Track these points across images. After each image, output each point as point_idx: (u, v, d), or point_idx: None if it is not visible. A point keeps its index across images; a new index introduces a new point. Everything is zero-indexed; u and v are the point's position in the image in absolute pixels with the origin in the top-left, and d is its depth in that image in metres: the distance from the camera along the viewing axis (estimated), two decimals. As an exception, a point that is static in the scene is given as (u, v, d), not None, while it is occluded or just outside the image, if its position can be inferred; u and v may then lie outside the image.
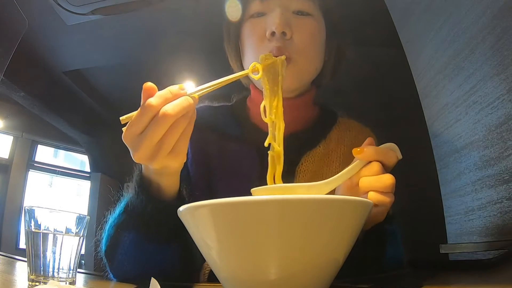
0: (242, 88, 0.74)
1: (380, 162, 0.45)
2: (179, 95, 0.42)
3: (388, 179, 0.44)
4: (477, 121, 0.74)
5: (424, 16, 0.96)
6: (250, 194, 0.43)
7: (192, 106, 0.43)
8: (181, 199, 0.52)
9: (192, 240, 0.38)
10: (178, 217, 0.38)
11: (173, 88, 0.43)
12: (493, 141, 0.69)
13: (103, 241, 0.55)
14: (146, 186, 0.50)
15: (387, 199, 0.44)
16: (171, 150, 0.42)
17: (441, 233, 0.91)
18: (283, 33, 0.60)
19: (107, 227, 0.55)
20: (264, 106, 0.50)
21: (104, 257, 0.55)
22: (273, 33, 0.60)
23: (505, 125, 0.65)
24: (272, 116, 0.49)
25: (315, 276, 0.35)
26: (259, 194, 0.44)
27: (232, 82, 0.49)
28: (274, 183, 0.47)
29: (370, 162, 0.46)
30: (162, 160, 0.43)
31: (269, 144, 0.49)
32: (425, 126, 0.99)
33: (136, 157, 0.43)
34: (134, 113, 0.42)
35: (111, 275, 0.56)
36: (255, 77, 0.50)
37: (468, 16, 0.75)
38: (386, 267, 0.53)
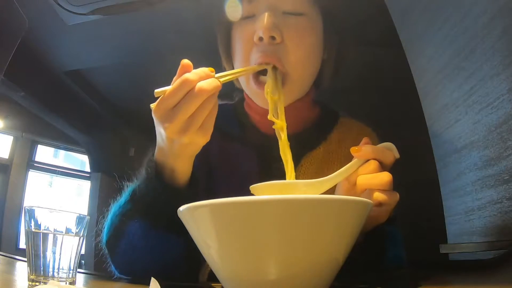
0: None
1: (378, 160, 0.46)
2: (210, 76, 0.45)
3: (385, 177, 0.44)
4: (477, 121, 0.74)
5: (424, 16, 0.96)
6: (250, 194, 0.44)
7: (220, 88, 0.45)
8: (195, 186, 0.52)
9: None
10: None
11: (205, 69, 0.45)
12: (493, 141, 0.69)
13: (105, 230, 0.54)
14: (159, 172, 0.50)
15: (391, 198, 0.44)
16: (200, 125, 0.44)
17: (441, 233, 0.91)
18: (272, 38, 0.56)
19: (109, 216, 0.54)
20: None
21: (105, 248, 0.54)
22: (260, 38, 0.56)
23: (505, 125, 0.65)
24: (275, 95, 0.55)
25: (315, 276, 0.35)
26: (258, 191, 0.45)
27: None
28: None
29: (367, 160, 0.46)
30: (192, 134, 0.44)
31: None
32: (425, 126, 0.99)
33: (168, 130, 0.44)
34: (168, 87, 0.44)
35: (112, 267, 0.55)
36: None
37: (468, 16, 0.75)
38: (386, 268, 0.53)
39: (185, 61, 0.45)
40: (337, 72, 0.69)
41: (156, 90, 0.44)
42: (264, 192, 0.44)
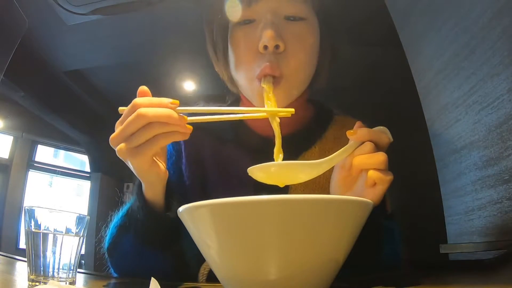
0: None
1: (373, 142, 0.47)
2: (165, 106, 0.46)
3: (380, 156, 0.45)
4: (477, 121, 0.74)
5: (424, 16, 0.96)
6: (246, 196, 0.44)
7: (174, 120, 0.45)
8: (171, 211, 0.53)
9: (186, 248, 0.39)
10: (170, 227, 0.38)
11: (164, 99, 0.46)
12: (493, 141, 0.69)
13: (107, 238, 0.59)
14: (142, 193, 0.53)
15: (385, 177, 0.45)
16: (135, 146, 0.45)
17: (441, 233, 0.91)
18: (276, 46, 0.56)
19: (111, 226, 0.58)
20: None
21: (106, 253, 0.59)
22: (265, 47, 0.56)
23: (505, 125, 0.65)
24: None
25: (315, 276, 0.35)
26: (255, 172, 0.46)
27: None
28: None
29: (363, 143, 0.47)
30: (125, 150, 0.45)
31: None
32: (425, 126, 0.99)
33: (110, 139, 0.47)
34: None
35: (111, 270, 0.60)
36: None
37: (468, 16, 0.75)
38: (384, 264, 0.53)
39: (142, 88, 0.47)
40: (329, 71, 0.69)
41: (119, 108, 0.47)
42: (262, 173, 0.45)
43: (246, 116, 0.52)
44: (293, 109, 0.53)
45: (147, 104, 0.45)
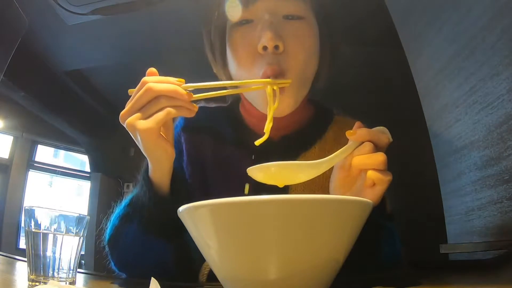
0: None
1: (372, 142, 0.47)
2: (171, 83, 0.48)
3: (379, 156, 0.45)
4: (477, 121, 0.74)
5: (424, 16, 0.96)
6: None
7: (181, 95, 0.48)
8: (177, 196, 0.53)
9: (189, 241, 0.39)
10: (174, 215, 0.38)
11: (171, 78, 0.50)
12: (493, 141, 0.69)
13: (108, 230, 0.58)
14: (148, 177, 0.53)
15: (385, 177, 0.45)
16: (146, 117, 0.47)
17: (441, 233, 0.91)
18: (276, 47, 0.55)
19: (112, 217, 0.58)
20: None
21: (106, 246, 0.58)
22: (264, 48, 0.56)
23: (505, 125, 0.65)
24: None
25: (315, 276, 0.35)
26: (255, 173, 0.46)
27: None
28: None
29: (362, 143, 0.48)
30: (135, 121, 0.47)
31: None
32: (425, 126, 0.99)
33: (120, 115, 0.49)
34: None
35: (112, 264, 0.59)
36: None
37: (468, 16, 0.75)
38: (383, 264, 0.53)
39: (151, 69, 0.50)
40: (330, 71, 0.69)
41: (129, 90, 0.50)
42: (261, 173, 0.45)
43: (247, 89, 0.54)
44: (290, 80, 0.54)
45: (155, 81, 0.47)
